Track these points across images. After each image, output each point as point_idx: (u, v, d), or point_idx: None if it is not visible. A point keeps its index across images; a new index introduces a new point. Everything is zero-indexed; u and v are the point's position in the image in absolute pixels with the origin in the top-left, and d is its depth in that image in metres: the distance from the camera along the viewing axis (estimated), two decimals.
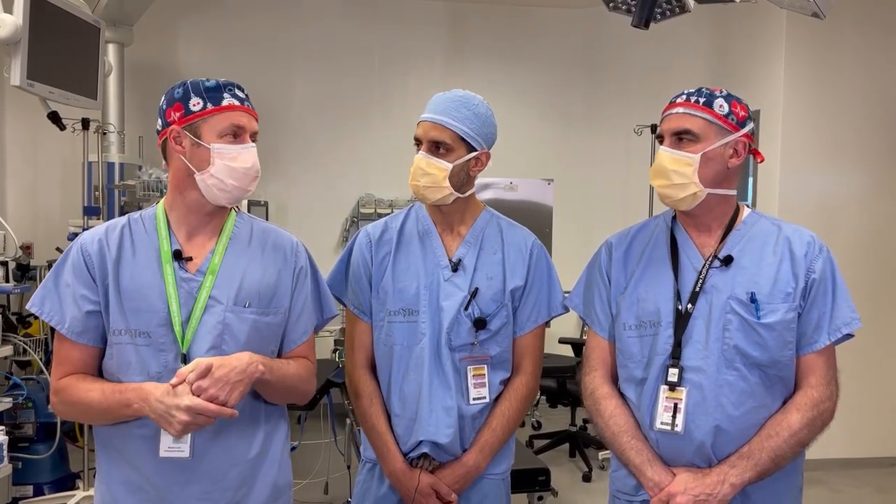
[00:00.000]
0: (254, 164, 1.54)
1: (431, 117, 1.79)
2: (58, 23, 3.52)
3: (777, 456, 1.54)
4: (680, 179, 1.59)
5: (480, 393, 1.82)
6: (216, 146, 1.51)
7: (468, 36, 5.91)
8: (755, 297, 1.56)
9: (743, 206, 1.71)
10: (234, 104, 1.53)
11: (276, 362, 1.58)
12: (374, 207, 5.63)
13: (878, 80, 4.64)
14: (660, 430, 1.58)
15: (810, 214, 4.50)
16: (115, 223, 1.59)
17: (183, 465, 1.50)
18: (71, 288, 1.52)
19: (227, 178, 1.51)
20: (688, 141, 1.60)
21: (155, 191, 4.36)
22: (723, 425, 1.55)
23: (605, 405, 1.69)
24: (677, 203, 1.63)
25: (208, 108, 1.51)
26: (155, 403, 1.40)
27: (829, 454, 4.34)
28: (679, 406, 1.56)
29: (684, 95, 1.63)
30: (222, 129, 1.51)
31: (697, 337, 1.59)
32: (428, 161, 1.78)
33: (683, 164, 1.59)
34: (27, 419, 3.57)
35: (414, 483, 1.79)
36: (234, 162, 1.51)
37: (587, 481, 4.33)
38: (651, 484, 1.58)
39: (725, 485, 1.52)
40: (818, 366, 1.59)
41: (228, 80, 1.56)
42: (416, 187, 1.81)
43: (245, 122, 1.54)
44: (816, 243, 1.62)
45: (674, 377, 1.58)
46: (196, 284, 1.53)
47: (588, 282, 1.81)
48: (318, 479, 3.87)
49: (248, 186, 1.55)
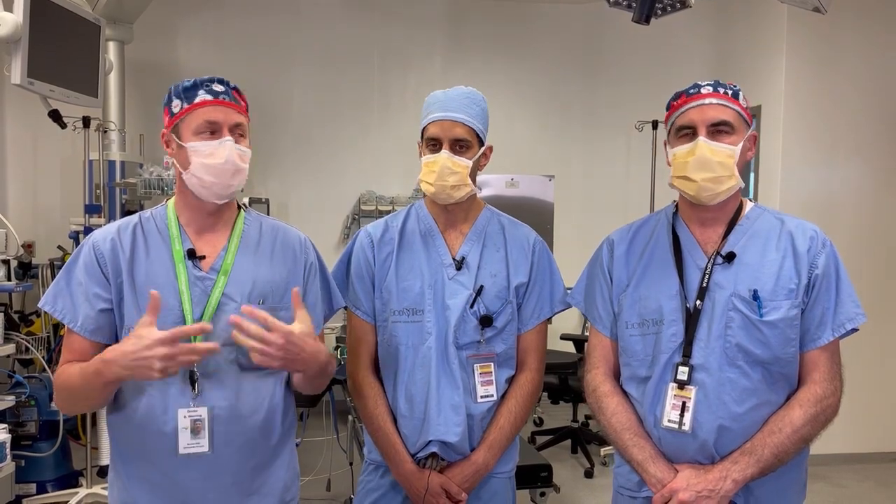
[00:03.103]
0: (228, 159, 1.51)
1: (451, 115, 1.77)
2: (58, 21, 3.52)
3: (780, 452, 1.53)
4: (724, 171, 1.55)
5: (488, 391, 1.82)
6: (191, 145, 1.51)
7: (468, 32, 5.90)
8: (758, 294, 1.55)
9: (745, 200, 1.70)
10: (207, 100, 1.51)
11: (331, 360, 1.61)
12: (375, 204, 5.63)
13: (879, 76, 4.63)
14: (667, 427, 1.57)
15: (811, 209, 4.50)
16: (126, 222, 1.60)
17: (202, 460, 1.50)
18: (84, 287, 1.52)
19: (205, 175, 1.51)
20: (724, 133, 1.57)
21: (156, 189, 4.36)
22: (726, 423, 1.54)
23: (608, 402, 1.69)
24: (716, 196, 1.58)
25: (184, 108, 1.52)
26: (122, 359, 1.36)
27: (831, 449, 4.34)
28: (688, 404, 1.55)
29: (709, 86, 1.59)
30: (196, 127, 1.51)
31: (701, 335, 1.58)
32: (454, 160, 1.77)
33: (726, 156, 1.55)
34: (30, 417, 3.58)
35: (424, 484, 1.78)
36: (208, 159, 1.50)
37: (589, 477, 4.33)
38: (654, 480, 1.58)
39: (728, 481, 1.52)
40: (822, 362, 1.58)
41: (210, 77, 1.55)
42: (444, 187, 1.78)
43: (219, 117, 1.51)
44: (819, 238, 1.60)
45: (684, 375, 1.56)
46: (210, 283, 1.54)
47: (590, 279, 1.80)
48: (321, 477, 3.87)
49: (229, 181, 1.53)
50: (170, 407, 1.49)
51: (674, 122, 1.63)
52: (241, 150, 1.54)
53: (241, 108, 1.56)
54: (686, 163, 1.57)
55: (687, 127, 1.59)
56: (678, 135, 1.61)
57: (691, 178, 1.57)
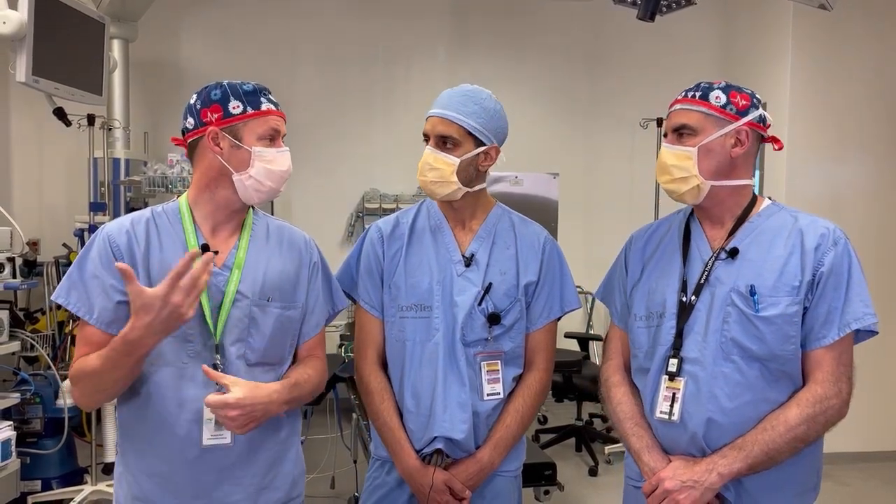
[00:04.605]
0: (289, 168, 1.61)
1: (439, 112, 1.79)
2: (63, 19, 3.52)
3: (770, 450, 1.52)
4: (681, 173, 1.63)
5: (494, 389, 1.82)
6: (257, 149, 1.56)
7: (472, 30, 5.89)
8: (755, 289, 1.56)
9: (762, 198, 1.69)
10: (272, 109, 1.59)
11: (298, 389, 1.60)
12: (379, 202, 5.62)
13: (885, 73, 4.62)
14: (658, 418, 1.62)
15: (817, 206, 4.48)
16: (139, 215, 1.61)
17: (217, 454, 1.52)
18: (99, 279, 1.52)
19: (266, 179, 1.57)
20: (687, 135, 1.63)
21: (160, 186, 4.37)
22: (715, 417, 1.55)
23: (615, 392, 1.76)
24: (682, 197, 1.66)
25: (249, 112, 1.55)
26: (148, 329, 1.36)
27: (836, 448, 4.31)
28: (677, 396, 1.60)
29: (684, 92, 1.67)
30: (262, 133, 1.57)
31: (698, 329, 1.61)
32: (435, 156, 1.78)
33: (683, 158, 1.62)
34: (35, 414, 3.58)
35: (428, 480, 1.77)
36: (271, 164, 1.57)
37: (593, 475, 4.33)
38: (647, 469, 1.63)
39: (713, 474, 1.53)
40: (826, 361, 1.55)
41: (262, 85, 1.62)
42: (424, 182, 1.80)
43: (281, 127, 1.62)
44: (832, 236, 1.58)
45: (673, 367, 1.61)
46: (223, 278, 1.57)
47: (611, 274, 1.88)
48: (325, 474, 3.88)
49: (281, 187, 1.62)
50: (186, 400, 1.50)
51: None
52: None
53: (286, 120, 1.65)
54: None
55: (666, 133, 1.71)
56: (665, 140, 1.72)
57: (659, 181, 1.69)
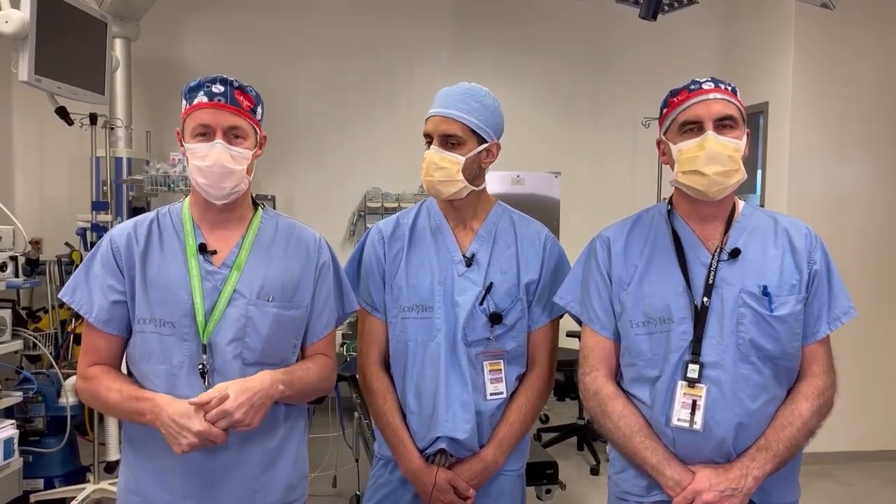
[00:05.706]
0: (215, 162, 1.50)
1: (440, 111, 1.78)
2: (65, 18, 3.53)
3: (792, 445, 1.55)
4: (733, 165, 1.55)
5: (497, 388, 1.81)
6: (188, 145, 1.55)
7: (474, 29, 5.89)
8: (767, 290, 1.56)
9: (735, 198, 1.71)
10: (202, 102, 1.52)
11: (297, 373, 1.61)
12: (380, 202, 5.63)
13: (887, 73, 4.61)
14: (677, 427, 1.55)
15: (819, 206, 4.49)
16: (144, 218, 1.64)
17: (207, 455, 1.53)
18: (99, 279, 1.57)
19: (198, 176, 1.54)
20: (729, 127, 1.57)
21: (162, 185, 4.37)
22: (744, 420, 1.54)
23: (613, 405, 1.64)
24: (724, 190, 1.57)
25: (185, 108, 1.56)
26: (167, 420, 1.45)
27: (836, 447, 4.34)
28: (698, 403, 1.54)
29: (710, 82, 1.59)
30: (192, 129, 1.55)
31: (712, 332, 1.57)
32: (441, 155, 1.77)
33: (734, 150, 1.56)
34: (37, 413, 3.59)
35: (431, 480, 1.78)
36: (200, 161, 1.53)
37: (595, 474, 4.33)
38: (671, 483, 1.55)
39: (749, 478, 1.52)
40: (820, 355, 1.62)
41: (214, 76, 1.55)
42: (431, 182, 1.78)
43: (210, 120, 1.51)
44: (812, 234, 1.65)
45: (694, 373, 1.55)
46: (221, 278, 1.57)
47: (584, 278, 1.74)
48: (327, 473, 3.89)
49: (220, 183, 1.53)
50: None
51: (675, 119, 1.61)
52: (235, 152, 1.53)
53: (239, 109, 1.54)
54: (696, 157, 1.55)
55: (692, 122, 1.58)
56: (681, 130, 1.59)
57: (703, 171, 1.55)
